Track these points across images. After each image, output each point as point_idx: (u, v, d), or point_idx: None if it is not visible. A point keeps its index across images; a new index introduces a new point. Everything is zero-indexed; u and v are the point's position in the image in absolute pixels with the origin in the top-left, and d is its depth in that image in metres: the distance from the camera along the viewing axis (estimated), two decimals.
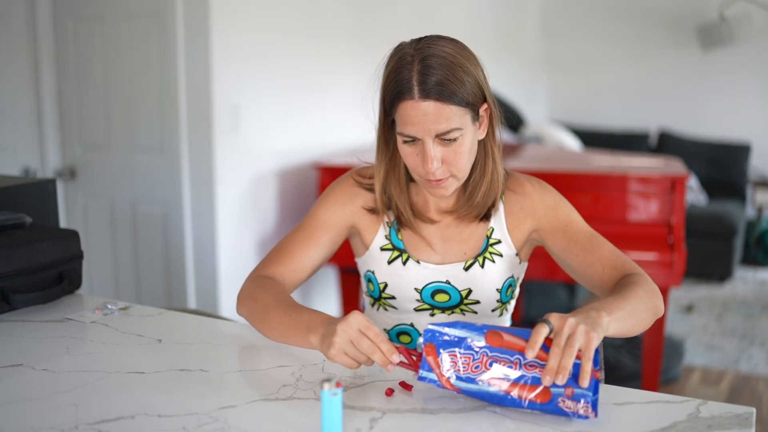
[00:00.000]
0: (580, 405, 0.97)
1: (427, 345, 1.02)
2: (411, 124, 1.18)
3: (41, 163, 2.92)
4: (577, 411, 0.97)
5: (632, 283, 1.16)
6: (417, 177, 1.26)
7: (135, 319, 1.41)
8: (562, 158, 3.60)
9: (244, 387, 1.10)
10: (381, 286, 1.34)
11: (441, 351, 1.02)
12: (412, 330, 1.35)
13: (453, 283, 1.32)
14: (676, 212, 2.66)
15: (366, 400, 1.04)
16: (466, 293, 1.32)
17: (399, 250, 1.34)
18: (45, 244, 1.50)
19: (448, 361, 1.01)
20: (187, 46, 2.65)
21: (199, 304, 2.81)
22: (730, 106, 5.46)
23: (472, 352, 1.01)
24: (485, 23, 5.02)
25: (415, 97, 1.17)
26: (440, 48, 1.19)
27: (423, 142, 1.19)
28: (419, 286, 1.32)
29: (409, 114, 1.18)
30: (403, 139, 1.22)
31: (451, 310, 1.33)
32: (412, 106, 1.18)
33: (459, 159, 1.21)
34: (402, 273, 1.33)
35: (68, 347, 1.26)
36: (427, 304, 1.33)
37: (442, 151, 1.20)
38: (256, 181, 2.93)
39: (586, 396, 0.97)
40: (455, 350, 1.02)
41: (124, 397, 1.05)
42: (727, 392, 3.05)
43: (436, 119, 1.17)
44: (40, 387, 1.09)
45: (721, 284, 4.59)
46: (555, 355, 0.96)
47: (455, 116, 1.18)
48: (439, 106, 1.17)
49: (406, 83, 1.18)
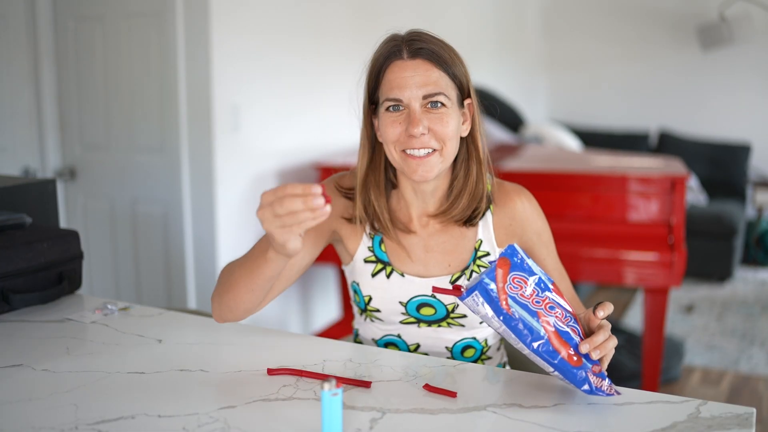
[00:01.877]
0: (605, 383, 1.02)
1: (503, 259, 1.00)
2: (398, 86, 1.17)
3: (41, 163, 2.92)
4: (602, 387, 1.01)
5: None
6: (397, 156, 1.22)
7: (135, 319, 1.41)
8: (562, 158, 3.60)
9: (244, 387, 1.10)
10: (366, 299, 1.33)
11: (514, 271, 1.00)
12: (400, 341, 1.33)
13: (438, 297, 1.29)
14: (676, 212, 2.66)
15: (366, 400, 1.04)
16: (452, 308, 1.29)
17: (383, 263, 1.31)
18: (45, 244, 1.50)
19: (516, 282, 1.00)
20: (187, 46, 2.65)
21: (199, 304, 2.81)
22: (730, 106, 5.46)
23: (540, 289, 1.02)
24: (486, 23, 5.02)
25: (404, 57, 1.18)
26: (430, 35, 1.23)
27: (409, 106, 1.18)
28: (404, 300, 1.30)
29: (396, 75, 1.18)
30: (387, 105, 1.19)
31: (437, 323, 1.31)
32: (400, 65, 1.18)
33: (444, 129, 1.19)
34: (386, 287, 1.30)
35: (68, 347, 1.26)
36: (412, 317, 1.31)
37: (428, 118, 1.18)
38: (256, 181, 2.93)
39: (610, 379, 1.03)
40: (527, 277, 1.01)
41: (124, 398, 1.05)
42: (727, 392, 3.04)
43: (425, 79, 1.16)
44: (40, 387, 1.09)
45: (721, 284, 4.59)
46: (603, 334, 1.03)
47: (443, 82, 1.18)
48: (428, 67, 1.17)
49: (395, 47, 1.19)
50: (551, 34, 5.94)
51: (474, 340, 1.32)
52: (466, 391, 1.07)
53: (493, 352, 1.37)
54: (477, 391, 1.08)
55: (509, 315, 0.99)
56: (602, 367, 1.03)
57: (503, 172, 2.95)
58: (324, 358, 1.19)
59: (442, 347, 1.32)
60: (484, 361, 1.35)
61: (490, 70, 5.06)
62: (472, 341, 1.32)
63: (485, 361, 1.35)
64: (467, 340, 1.32)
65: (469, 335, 1.32)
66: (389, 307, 1.31)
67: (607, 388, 1.02)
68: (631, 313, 4.03)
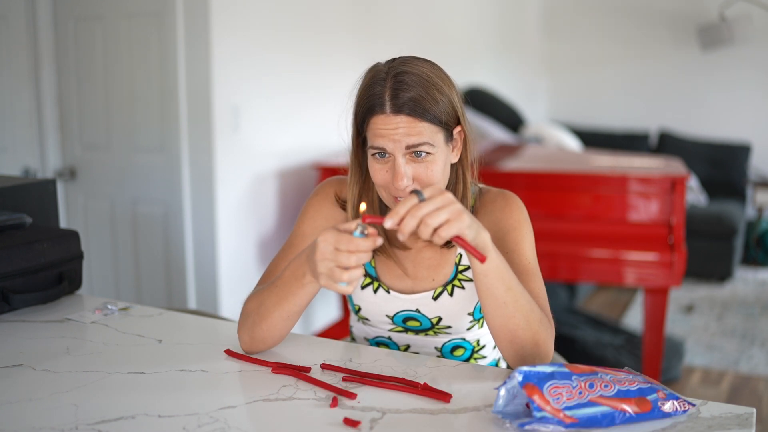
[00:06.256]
0: (678, 403, 1.00)
1: (527, 386, 0.98)
2: (381, 137, 1.16)
3: (41, 163, 2.92)
4: (677, 409, 0.99)
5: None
6: (386, 197, 1.22)
7: (135, 319, 1.41)
8: (562, 158, 3.60)
9: (244, 387, 1.10)
10: (356, 308, 1.36)
11: (543, 388, 0.98)
12: (391, 342, 1.36)
13: (423, 312, 1.31)
14: (677, 212, 2.66)
15: (366, 400, 1.04)
16: (437, 320, 1.31)
17: (371, 278, 1.32)
18: (45, 244, 1.50)
19: (555, 394, 0.98)
20: (187, 46, 2.65)
21: (199, 304, 2.81)
22: (730, 106, 5.46)
23: (569, 380, 0.99)
24: (486, 22, 5.02)
25: (386, 112, 1.16)
26: (414, 66, 1.18)
27: (393, 157, 1.17)
28: (390, 314, 1.32)
29: (380, 128, 1.16)
30: (372, 152, 1.19)
31: (424, 333, 1.33)
32: (383, 120, 1.16)
33: (430, 178, 1.18)
34: (373, 300, 1.32)
35: (68, 347, 1.26)
36: (400, 327, 1.34)
37: (413, 168, 1.17)
38: (257, 181, 2.93)
39: (673, 394, 1.00)
40: (554, 383, 0.99)
41: (124, 398, 1.05)
42: (727, 392, 3.04)
43: (408, 132, 1.15)
44: (40, 387, 1.09)
45: (721, 284, 4.59)
46: (404, 205, 1.00)
47: (427, 132, 1.16)
48: (411, 121, 1.15)
49: (378, 98, 1.17)
50: (551, 34, 5.94)
51: (463, 341, 1.34)
52: (464, 391, 1.07)
53: (488, 351, 1.38)
54: (475, 391, 1.08)
55: (577, 423, 0.98)
56: (435, 234, 0.99)
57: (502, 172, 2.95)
58: (324, 358, 1.19)
59: (432, 347, 1.34)
60: (477, 360, 1.36)
61: (490, 69, 5.06)
62: (461, 341, 1.34)
63: (478, 360, 1.36)
64: (456, 340, 1.34)
65: (457, 337, 1.33)
66: (377, 318, 1.34)
67: (680, 406, 1.00)
68: (631, 313, 4.03)
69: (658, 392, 1.00)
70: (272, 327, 1.19)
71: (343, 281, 1.02)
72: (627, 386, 1.00)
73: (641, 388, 1.00)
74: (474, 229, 1.03)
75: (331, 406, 1.02)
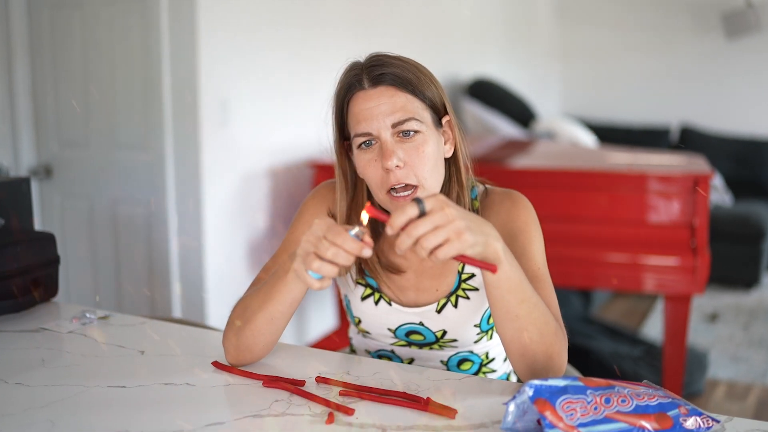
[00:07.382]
0: (701, 419, 0.99)
1: (538, 401, 0.98)
2: (364, 118, 1.16)
3: (14, 160, 2.93)
4: (700, 426, 0.99)
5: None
6: (384, 198, 1.20)
7: (115, 328, 1.41)
8: (576, 155, 3.60)
9: (233, 402, 1.10)
10: (356, 320, 1.35)
11: (556, 403, 0.98)
12: (394, 356, 1.36)
13: (426, 325, 1.30)
14: (699, 214, 2.66)
15: (367, 416, 1.04)
16: (441, 334, 1.31)
17: (372, 288, 1.32)
18: (18, 247, 1.50)
19: (568, 409, 0.98)
20: (173, 35, 2.66)
21: (184, 312, 2.81)
22: (757, 98, 5.46)
23: (583, 395, 0.99)
24: (493, 10, 5.03)
25: (365, 87, 1.16)
26: (393, 54, 1.21)
27: (379, 138, 1.16)
28: (392, 327, 1.32)
29: (360, 107, 1.16)
30: (358, 143, 1.18)
31: (428, 347, 1.33)
32: (362, 96, 1.16)
33: (422, 160, 1.17)
34: (374, 312, 1.32)
35: (44, 359, 1.26)
36: (403, 341, 1.34)
37: (402, 148, 1.16)
38: (247, 179, 2.93)
39: (695, 410, 1.00)
40: (568, 398, 0.99)
41: (104, 413, 1.05)
42: (754, 407, 3.05)
43: (391, 107, 1.15)
44: (13, 402, 1.09)
45: (747, 291, 4.59)
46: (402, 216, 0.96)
47: (411, 105, 1.16)
48: (392, 92, 1.15)
49: (356, 77, 1.17)
50: (565, 22, 5.95)
51: (471, 354, 1.34)
52: (470, 406, 1.08)
53: (498, 364, 1.37)
54: (482, 406, 1.08)
55: None
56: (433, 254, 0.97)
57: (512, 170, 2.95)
58: (319, 370, 1.19)
59: (437, 361, 1.34)
60: (486, 374, 1.35)
61: (498, 60, 5.07)
62: (469, 354, 1.34)
63: (487, 374, 1.36)
64: (463, 354, 1.33)
65: (464, 350, 1.33)
66: (378, 331, 1.34)
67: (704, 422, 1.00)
68: (651, 322, 4.03)
69: (680, 407, 1.00)
70: (256, 332, 1.18)
71: (312, 270, 1.02)
72: (646, 401, 1.00)
73: (661, 404, 1.00)
74: (480, 244, 0.99)
75: (326, 422, 1.02)
